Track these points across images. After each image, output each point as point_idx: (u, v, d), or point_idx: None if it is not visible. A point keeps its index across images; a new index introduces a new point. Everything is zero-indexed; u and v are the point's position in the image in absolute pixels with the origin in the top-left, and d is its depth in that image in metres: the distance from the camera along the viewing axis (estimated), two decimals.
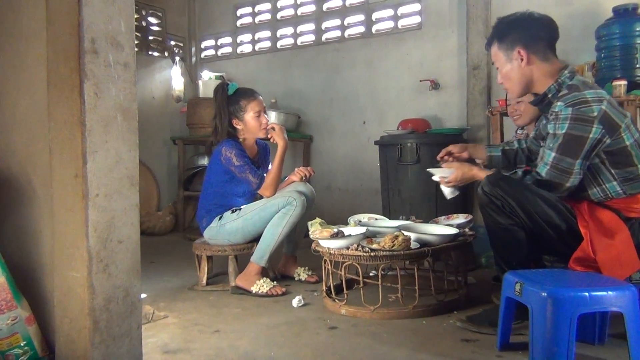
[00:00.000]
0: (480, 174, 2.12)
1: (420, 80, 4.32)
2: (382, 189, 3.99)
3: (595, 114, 1.84)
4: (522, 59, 2.05)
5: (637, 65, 3.18)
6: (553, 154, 1.89)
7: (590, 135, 1.84)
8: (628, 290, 1.64)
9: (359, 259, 2.26)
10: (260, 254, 2.76)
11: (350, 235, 2.39)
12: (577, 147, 1.86)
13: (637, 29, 3.18)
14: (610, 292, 1.64)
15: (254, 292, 2.69)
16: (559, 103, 1.92)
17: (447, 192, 2.32)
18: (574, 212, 1.92)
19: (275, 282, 2.76)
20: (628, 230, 1.85)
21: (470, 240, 2.55)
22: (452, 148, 2.39)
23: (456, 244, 2.42)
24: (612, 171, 1.90)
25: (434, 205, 3.67)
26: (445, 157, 2.38)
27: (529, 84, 2.09)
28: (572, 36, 3.52)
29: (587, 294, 1.61)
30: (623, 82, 2.97)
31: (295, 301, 2.49)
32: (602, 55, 3.29)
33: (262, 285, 2.70)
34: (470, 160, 2.39)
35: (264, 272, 2.80)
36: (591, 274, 1.81)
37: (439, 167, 2.33)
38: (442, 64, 4.31)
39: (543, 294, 1.62)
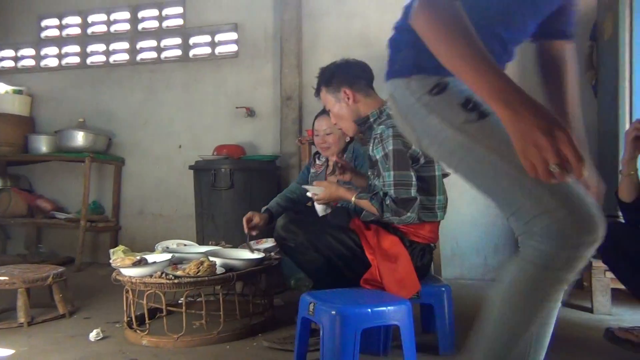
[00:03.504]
0: (347, 194, 2.18)
1: (237, 107, 4.41)
2: (197, 214, 3.96)
3: None
4: (348, 98, 2.25)
5: None
6: (392, 173, 2.02)
7: (410, 151, 2.04)
8: (404, 304, 1.84)
9: (162, 287, 2.21)
10: None
11: (154, 263, 2.32)
12: (406, 159, 2.03)
13: None
14: (389, 308, 1.83)
15: None
16: (380, 126, 2.10)
17: (319, 209, 2.37)
18: (361, 240, 2.10)
19: None
20: (408, 255, 2.07)
21: (276, 264, 2.64)
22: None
23: (262, 267, 2.50)
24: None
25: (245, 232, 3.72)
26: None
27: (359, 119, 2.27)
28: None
29: (369, 310, 1.79)
30: None
31: (93, 335, 2.34)
32: None
33: None
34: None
35: None
36: (377, 292, 2.00)
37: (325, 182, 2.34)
38: (258, 93, 4.46)
39: (332, 312, 1.75)
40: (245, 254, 2.55)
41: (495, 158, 1.12)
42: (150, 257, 2.39)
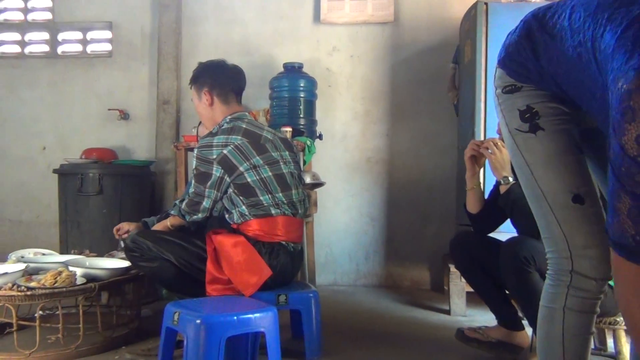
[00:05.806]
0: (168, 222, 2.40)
1: (109, 109, 4.20)
2: (61, 221, 3.71)
3: (214, 156, 2.19)
4: (207, 100, 2.35)
5: (301, 115, 3.68)
6: (193, 182, 2.25)
7: (213, 173, 2.20)
8: (270, 311, 1.87)
9: (12, 300, 2.04)
10: None
11: (5, 274, 2.14)
12: (204, 178, 2.22)
13: (302, 84, 3.71)
14: (256, 315, 1.84)
15: None
16: (199, 142, 2.29)
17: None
18: (205, 242, 2.17)
19: None
20: (252, 249, 2.12)
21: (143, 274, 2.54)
22: None
23: (128, 277, 2.40)
24: (241, 198, 2.21)
25: (116, 238, 3.56)
26: None
27: (215, 121, 2.37)
28: (251, 83, 3.80)
29: (235, 317, 1.79)
30: (289, 129, 3.40)
31: None
32: (274, 104, 3.72)
33: None
34: None
35: None
36: (243, 299, 2.00)
37: None
38: (133, 95, 4.28)
39: (197, 321, 1.73)
40: (109, 263, 2.44)
41: (528, 172, 1.30)
42: (0, 268, 2.20)
